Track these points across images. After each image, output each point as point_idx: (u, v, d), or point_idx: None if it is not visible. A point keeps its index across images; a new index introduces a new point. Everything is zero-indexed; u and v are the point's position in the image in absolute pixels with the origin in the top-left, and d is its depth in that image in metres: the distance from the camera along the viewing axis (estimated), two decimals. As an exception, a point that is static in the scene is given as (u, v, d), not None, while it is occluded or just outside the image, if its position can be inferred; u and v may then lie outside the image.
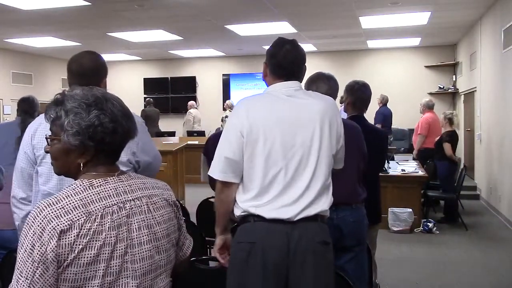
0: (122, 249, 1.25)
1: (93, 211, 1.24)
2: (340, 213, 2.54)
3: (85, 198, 1.26)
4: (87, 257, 1.20)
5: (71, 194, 1.27)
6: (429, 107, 7.51)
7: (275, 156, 1.92)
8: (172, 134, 10.38)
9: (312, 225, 1.94)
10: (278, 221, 1.91)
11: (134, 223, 1.30)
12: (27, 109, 4.05)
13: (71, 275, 1.20)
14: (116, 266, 1.24)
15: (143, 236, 1.30)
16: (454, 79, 10.90)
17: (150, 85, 13.20)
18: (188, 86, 12.91)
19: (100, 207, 1.26)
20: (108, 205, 1.27)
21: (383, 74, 11.41)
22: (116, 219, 1.27)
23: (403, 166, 6.57)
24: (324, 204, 1.98)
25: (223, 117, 10.62)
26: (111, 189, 1.31)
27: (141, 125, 2.23)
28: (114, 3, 6.70)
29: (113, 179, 1.33)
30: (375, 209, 3.16)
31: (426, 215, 6.43)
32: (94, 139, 1.29)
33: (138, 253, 1.28)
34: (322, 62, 11.24)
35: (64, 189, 1.31)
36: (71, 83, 2.22)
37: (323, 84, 2.63)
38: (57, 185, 2.05)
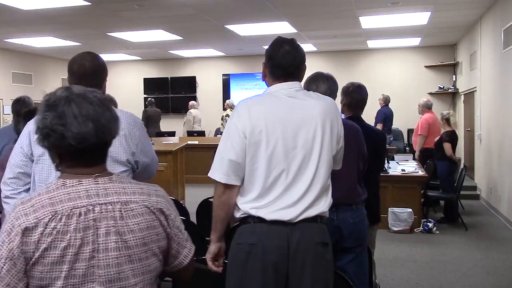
0: (87, 252, 1.23)
1: (59, 210, 1.23)
2: (340, 214, 2.54)
3: (54, 197, 1.25)
4: (51, 257, 1.20)
5: (42, 193, 1.27)
6: (428, 107, 7.51)
7: (277, 158, 1.91)
8: (172, 134, 10.38)
9: (312, 226, 1.94)
10: (278, 222, 1.90)
11: (102, 228, 1.26)
12: (19, 110, 4.03)
13: (38, 273, 1.21)
14: (80, 269, 1.22)
15: (110, 243, 1.25)
16: (454, 79, 10.90)
17: (150, 85, 13.19)
18: (188, 86, 12.90)
19: (68, 208, 1.24)
20: (76, 206, 1.25)
21: (383, 74, 11.41)
22: (82, 221, 1.24)
23: (403, 166, 6.57)
24: (324, 205, 1.97)
25: (223, 116, 10.62)
26: (82, 191, 1.28)
27: (141, 126, 2.23)
28: (114, 3, 6.70)
29: (88, 181, 1.30)
30: (375, 210, 3.16)
31: (426, 215, 6.44)
32: (48, 140, 1.28)
33: (104, 259, 1.25)
34: (322, 62, 11.23)
35: (42, 188, 1.31)
36: (71, 84, 2.22)
37: (323, 84, 2.62)
38: None
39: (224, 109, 11.11)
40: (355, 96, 3.10)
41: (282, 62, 2.01)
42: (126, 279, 1.28)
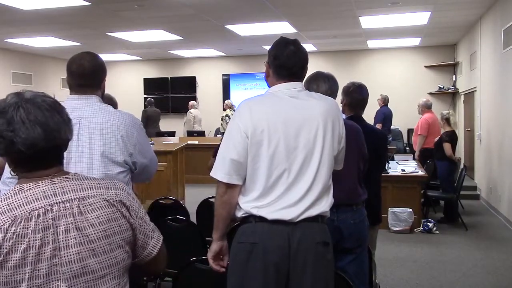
0: (48, 252, 1.24)
1: (18, 215, 1.24)
2: (341, 215, 2.54)
3: (13, 203, 1.27)
4: (13, 260, 1.21)
5: (1, 200, 1.28)
6: (428, 107, 7.51)
7: (279, 158, 1.91)
8: (172, 134, 10.39)
9: (313, 226, 1.94)
10: (280, 222, 1.90)
11: (61, 226, 1.27)
12: None
13: (2, 277, 1.22)
14: (43, 269, 1.24)
15: (70, 239, 1.27)
16: (454, 79, 10.90)
17: (150, 85, 13.20)
18: (188, 86, 12.90)
19: (26, 211, 1.25)
20: (34, 208, 1.26)
21: (383, 74, 11.41)
22: (41, 222, 1.25)
23: (403, 166, 6.57)
24: (325, 205, 1.98)
25: (223, 116, 10.62)
26: (39, 193, 1.29)
27: (139, 127, 2.23)
28: (114, 3, 6.70)
29: (45, 182, 1.31)
30: (376, 210, 3.15)
31: (426, 215, 6.44)
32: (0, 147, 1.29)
33: (65, 256, 1.26)
34: (322, 62, 11.23)
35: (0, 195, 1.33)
36: (71, 84, 2.22)
37: (323, 83, 2.62)
38: None
39: (224, 109, 11.11)
40: (356, 96, 3.10)
41: (288, 62, 2.02)
42: (92, 273, 1.29)
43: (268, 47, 2.13)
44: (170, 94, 13.07)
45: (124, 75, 13.21)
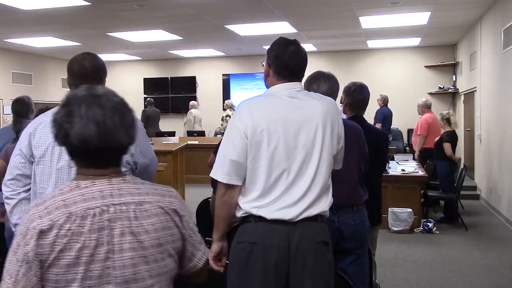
0: (102, 253, 1.22)
1: (74, 212, 1.22)
2: (341, 215, 2.53)
3: (68, 199, 1.25)
4: (67, 259, 1.19)
5: (56, 195, 1.27)
6: (427, 107, 7.51)
7: (278, 158, 1.92)
8: (172, 134, 10.39)
9: (313, 225, 1.95)
10: (279, 221, 1.91)
11: (117, 228, 1.24)
12: (19, 109, 4.05)
13: (53, 275, 1.20)
14: (96, 270, 1.21)
15: (125, 243, 1.24)
16: (454, 79, 10.90)
17: (150, 85, 13.19)
18: (188, 86, 12.90)
19: (82, 209, 1.23)
20: (91, 207, 1.24)
21: (383, 74, 11.40)
22: (97, 222, 1.23)
23: (403, 166, 6.57)
24: (324, 205, 1.98)
25: (223, 116, 10.62)
26: (96, 191, 1.27)
27: (140, 127, 2.23)
28: (114, 3, 6.70)
29: (102, 181, 1.29)
30: (376, 211, 3.15)
31: (426, 215, 6.44)
32: (56, 135, 1.28)
33: (119, 260, 1.23)
34: (322, 62, 11.23)
35: (56, 190, 1.31)
36: (71, 84, 2.23)
37: (324, 83, 2.61)
38: (55, 184, 2.06)
39: (224, 109, 11.11)
40: (357, 96, 3.10)
41: (289, 62, 2.03)
42: (142, 280, 1.27)
43: (268, 47, 2.13)
44: (170, 94, 13.07)
45: (124, 75, 13.20)
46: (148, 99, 11.22)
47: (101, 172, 1.30)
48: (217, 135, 10.78)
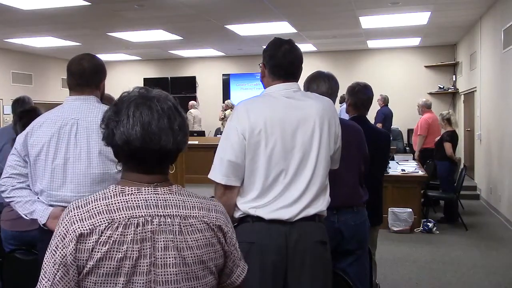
0: (145, 266, 1.17)
1: (116, 218, 1.17)
2: (341, 216, 2.53)
3: (112, 204, 1.19)
4: (106, 268, 1.15)
5: (99, 199, 1.21)
6: (428, 107, 7.52)
7: (276, 158, 1.92)
8: (172, 134, 10.37)
9: (310, 225, 1.95)
10: (277, 221, 1.91)
11: (160, 241, 1.19)
12: (19, 109, 4.05)
13: (91, 284, 1.16)
14: (139, 282, 1.16)
15: (169, 258, 1.19)
16: (454, 79, 10.90)
17: (150, 85, 12.61)
18: (188, 86, 12.90)
19: (125, 216, 1.18)
20: (134, 216, 1.18)
21: (383, 74, 11.40)
22: (139, 232, 1.17)
23: (403, 166, 6.57)
24: (322, 205, 1.99)
25: (223, 116, 10.62)
26: (141, 200, 1.21)
27: None
28: (114, 3, 6.70)
29: (148, 190, 1.23)
30: (377, 211, 3.14)
31: (426, 215, 6.44)
32: (104, 133, 1.25)
33: (162, 275, 1.18)
34: (322, 62, 11.24)
35: (98, 192, 1.25)
36: (70, 84, 2.26)
37: (324, 83, 2.61)
38: (49, 183, 2.09)
39: (224, 109, 11.11)
40: (361, 96, 3.10)
41: (283, 61, 2.03)
42: None
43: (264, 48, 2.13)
44: (170, 94, 12.77)
45: (124, 75, 13.20)
46: (148, 99, 11.19)
47: (146, 178, 1.25)
48: (218, 135, 10.79)
